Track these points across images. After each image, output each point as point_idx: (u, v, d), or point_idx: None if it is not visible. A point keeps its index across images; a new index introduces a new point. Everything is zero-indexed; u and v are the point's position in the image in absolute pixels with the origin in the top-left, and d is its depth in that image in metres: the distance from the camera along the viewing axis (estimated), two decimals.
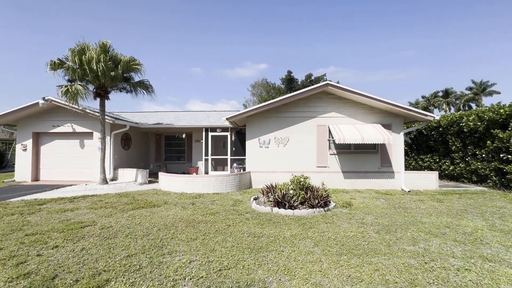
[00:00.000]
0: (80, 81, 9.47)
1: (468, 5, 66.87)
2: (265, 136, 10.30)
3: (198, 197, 7.74)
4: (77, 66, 9.15)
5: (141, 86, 10.49)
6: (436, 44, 77.82)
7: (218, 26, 74.78)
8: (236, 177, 9.22)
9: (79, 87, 8.85)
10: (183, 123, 13.19)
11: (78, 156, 11.70)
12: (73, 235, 4.51)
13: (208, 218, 5.59)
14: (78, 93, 8.81)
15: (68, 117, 11.42)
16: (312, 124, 10.18)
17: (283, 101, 9.81)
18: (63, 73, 9.31)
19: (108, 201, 7.13)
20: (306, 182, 6.88)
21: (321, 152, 10.08)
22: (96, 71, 8.87)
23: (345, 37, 71.66)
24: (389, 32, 73.78)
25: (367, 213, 6.09)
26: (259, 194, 8.25)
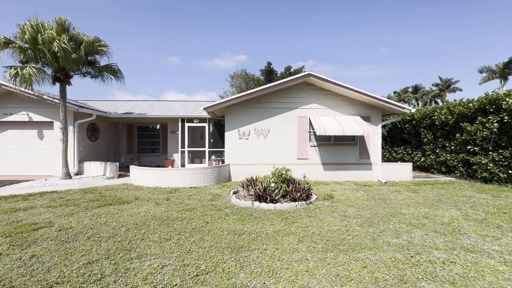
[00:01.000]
0: (35, 63, 8.33)
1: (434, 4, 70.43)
2: (245, 127, 9.92)
3: (173, 192, 7.23)
4: (30, 46, 8.01)
5: (108, 71, 9.53)
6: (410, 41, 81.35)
7: (197, 18, 71.67)
8: (215, 170, 8.79)
9: (31, 71, 7.74)
10: (158, 112, 12.37)
11: (37, 148, 10.49)
12: (22, 239, 3.87)
13: (184, 214, 5.16)
14: (31, 77, 7.71)
15: (24, 104, 10.14)
16: (293, 115, 9.97)
17: (264, 91, 9.45)
18: (13, 54, 8.09)
19: (70, 198, 6.39)
20: (288, 174, 6.66)
21: (302, 144, 9.94)
22: (55, 52, 7.82)
23: (324, 32, 72.37)
24: (367, 27, 75.74)
25: (348, 205, 6.02)
26: (239, 188, 7.91)
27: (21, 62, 8.25)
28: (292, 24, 70.01)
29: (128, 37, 79.76)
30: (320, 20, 71.14)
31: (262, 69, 42.28)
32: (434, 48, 79.18)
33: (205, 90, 69.33)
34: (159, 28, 76.00)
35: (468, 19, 70.22)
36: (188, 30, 74.02)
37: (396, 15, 74.27)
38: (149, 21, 75.97)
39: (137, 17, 76.33)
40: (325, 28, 72.09)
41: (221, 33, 71.87)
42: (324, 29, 72.21)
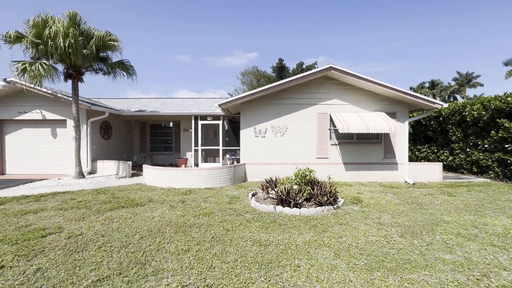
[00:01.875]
0: (46, 59, 8.11)
1: None
2: (262, 125, 9.42)
3: (188, 193, 6.84)
4: (41, 42, 7.78)
5: (121, 67, 9.23)
6: (424, 37, 78.22)
7: (207, 15, 71.45)
8: (230, 170, 8.35)
9: (40, 66, 7.49)
10: (170, 110, 12.05)
11: (50, 146, 10.39)
12: (29, 248, 3.53)
13: (202, 220, 4.73)
14: (40, 73, 7.46)
15: (37, 102, 10.02)
16: (312, 112, 9.38)
17: (282, 86, 8.90)
18: (25, 49, 7.89)
19: (82, 200, 6.10)
20: (312, 175, 6.12)
21: (322, 142, 9.35)
22: (64, 48, 7.55)
23: (335, 28, 70.57)
24: (379, 24, 73.33)
25: (381, 210, 5.42)
26: (257, 189, 7.44)
27: (33, 58, 8.05)
28: (302, 21, 68.63)
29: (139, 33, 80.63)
30: (330, 16, 69.34)
31: (273, 66, 41.56)
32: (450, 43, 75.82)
33: (215, 88, 69.18)
34: (169, 25, 76.33)
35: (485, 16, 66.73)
36: (198, 28, 73.95)
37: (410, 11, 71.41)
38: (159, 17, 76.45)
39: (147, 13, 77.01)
40: (336, 24, 70.24)
41: (231, 30, 71.41)
42: (335, 26, 70.38)
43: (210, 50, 72.75)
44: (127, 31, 77.13)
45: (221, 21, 71.87)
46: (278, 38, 69.56)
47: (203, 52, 73.31)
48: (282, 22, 68.87)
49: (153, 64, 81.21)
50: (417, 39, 76.63)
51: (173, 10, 73.33)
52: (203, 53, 73.01)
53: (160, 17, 75.30)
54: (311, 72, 8.77)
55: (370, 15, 70.82)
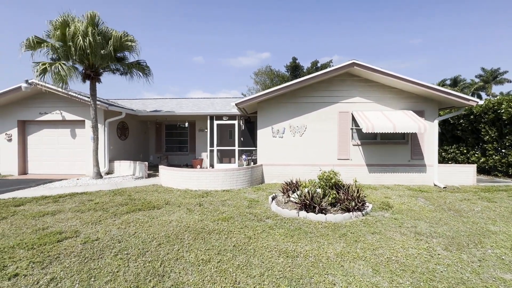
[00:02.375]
0: (66, 61, 8.15)
1: None
2: (279, 125, 9.06)
3: (205, 196, 6.60)
4: (61, 43, 7.82)
5: (137, 67, 9.17)
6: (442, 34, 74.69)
7: (220, 15, 71.79)
8: (248, 172, 8.05)
9: (60, 67, 7.52)
10: (186, 110, 11.94)
11: (70, 147, 10.52)
12: (45, 254, 3.38)
13: (221, 225, 4.45)
14: (59, 73, 7.49)
15: (57, 103, 10.17)
16: (333, 110, 8.92)
17: (301, 84, 8.50)
18: (45, 52, 7.96)
19: (99, 201, 6.00)
20: (337, 178, 5.70)
21: (343, 143, 8.87)
22: (83, 47, 7.54)
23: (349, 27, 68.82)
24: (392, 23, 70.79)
25: (415, 218, 4.93)
26: (275, 191, 7.11)
27: (52, 59, 8.11)
28: (315, 20, 67.44)
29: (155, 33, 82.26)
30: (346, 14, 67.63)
31: (287, 65, 41.03)
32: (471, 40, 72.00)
33: (228, 89, 69.34)
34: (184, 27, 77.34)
35: None
36: (211, 28, 74.44)
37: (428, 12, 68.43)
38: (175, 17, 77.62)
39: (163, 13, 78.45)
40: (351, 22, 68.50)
41: (244, 30, 71.34)
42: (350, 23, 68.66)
43: (223, 50, 73.03)
44: (142, 32, 78.98)
45: (233, 21, 71.97)
46: (291, 37, 68.77)
47: (216, 52, 73.68)
48: (294, 21, 68.00)
49: (168, 66, 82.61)
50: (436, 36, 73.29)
51: (185, 10, 74.24)
52: (216, 53, 73.38)
53: (174, 18, 76.50)
54: (333, 68, 8.31)
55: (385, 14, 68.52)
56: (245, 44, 71.82)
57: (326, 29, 68.60)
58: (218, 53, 73.67)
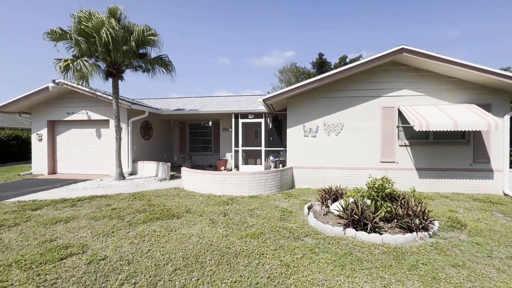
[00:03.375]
0: (88, 57, 7.90)
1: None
2: (312, 122, 8.07)
3: (230, 203, 5.85)
4: (83, 38, 7.55)
5: (160, 63, 8.72)
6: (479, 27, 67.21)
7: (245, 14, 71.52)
8: (277, 175, 7.19)
9: (83, 63, 7.24)
10: (209, 108, 11.36)
11: (95, 147, 10.44)
12: (41, 277, 2.80)
13: (250, 244, 3.64)
14: (81, 70, 7.20)
15: (83, 102, 10.11)
16: (375, 105, 7.73)
17: (338, 76, 7.44)
18: (68, 47, 7.75)
19: (117, 207, 5.50)
20: (391, 187, 4.63)
21: (387, 143, 7.65)
22: (105, 41, 7.19)
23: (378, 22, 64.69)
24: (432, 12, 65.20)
25: (505, 243, 3.72)
26: (310, 198, 6.16)
27: (75, 57, 7.90)
28: (341, 16, 64.31)
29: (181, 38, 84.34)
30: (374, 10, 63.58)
31: (313, 62, 39.42)
32: None
33: (252, 89, 68.73)
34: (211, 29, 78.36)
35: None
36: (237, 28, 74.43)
37: None
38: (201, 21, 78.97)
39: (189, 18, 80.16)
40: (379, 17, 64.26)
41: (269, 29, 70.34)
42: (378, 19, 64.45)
43: (247, 51, 72.68)
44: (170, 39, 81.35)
45: (257, 19, 71.26)
46: (316, 34, 66.39)
47: (241, 53, 73.55)
48: (319, 17, 65.50)
49: (194, 68, 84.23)
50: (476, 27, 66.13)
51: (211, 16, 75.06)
52: (241, 54, 73.23)
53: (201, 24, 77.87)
54: (376, 56, 7.14)
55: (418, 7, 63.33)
56: (270, 44, 70.76)
57: (354, 24, 65.22)
58: (243, 54, 73.45)
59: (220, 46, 76.47)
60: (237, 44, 73.93)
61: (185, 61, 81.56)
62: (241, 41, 73.37)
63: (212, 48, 77.93)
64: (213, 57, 77.44)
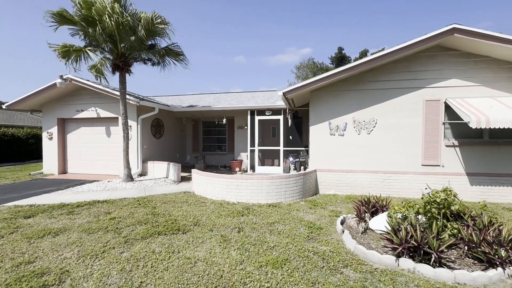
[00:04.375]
0: (94, 48, 7.31)
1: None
2: (339, 119, 7.03)
3: (246, 213, 4.99)
4: (88, 28, 6.95)
5: (170, 54, 8.00)
6: None
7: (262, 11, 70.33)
8: (299, 180, 6.24)
9: (87, 52, 6.64)
10: (224, 104, 10.58)
11: (105, 146, 9.96)
12: None
13: (273, 279, 2.75)
14: (82, 55, 6.61)
15: (91, 99, 9.65)
16: (415, 98, 6.56)
17: (371, 64, 6.34)
18: (73, 34, 7.20)
19: (117, 216, 4.81)
20: (455, 201, 3.55)
21: (430, 143, 6.47)
22: (110, 30, 6.54)
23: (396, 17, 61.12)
24: None
25: None
26: (340, 208, 5.17)
27: None
28: (360, 12, 61.37)
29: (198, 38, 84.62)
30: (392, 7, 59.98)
31: (332, 56, 37.82)
32: None
33: (267, 87, 67.66)
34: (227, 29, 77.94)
35: None
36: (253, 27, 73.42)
37: None
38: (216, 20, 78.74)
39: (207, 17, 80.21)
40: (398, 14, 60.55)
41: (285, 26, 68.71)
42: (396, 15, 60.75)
43: (264, 49, 71.51)
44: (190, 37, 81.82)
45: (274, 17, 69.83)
46: (334, 31, 64.00)
47: (257, 51, 72.54)
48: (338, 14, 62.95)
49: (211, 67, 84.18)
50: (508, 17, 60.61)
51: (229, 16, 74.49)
52: (257, 52, 72.25)
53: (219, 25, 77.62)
54: (420, 39, 5.97)
55: None
56: (286, 41, 69.17)
57: (373, 20, 62.16)
58: (259, 52, 72.47)
59: (236, 45, 75.97)
60: (253, 42, 73.08)
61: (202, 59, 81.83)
62: (257, 39, 72.44)
63: (228, 47, 77.60)
64: (230, 56, 77.08)
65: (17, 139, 15.22)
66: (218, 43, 79.83)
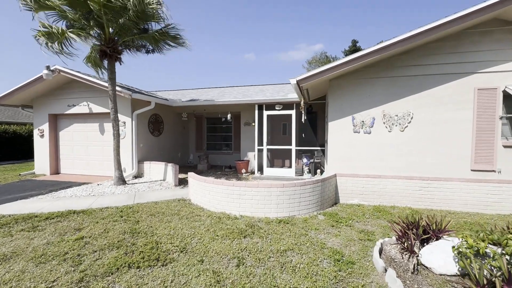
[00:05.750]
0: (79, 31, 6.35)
1: None
2: (365, 113, 5.79)
3: (249, 233, 3.88)
4: (69, 8, 5.99)
5: (166, 38, 6.95)
6: None
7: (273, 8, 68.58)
8: (317, 188, 5.07)
9: (69, 32, 5.69)
10: (228, 98, 9.49)
11: (98, 144, 9.09)
12: None
13: None
14: (64, 37, 5.65)
15: (83, 93, 8.77)
16: (463, 87, 5.24)
17: (409, 42, 5.04)
18: (55, 20, 6.26)
19: (87, 234, 3.81)
20: None
21: (483, 142, 5.15)
22: (95, 10, 5.55)
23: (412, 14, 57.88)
24: None
25: None
26: (368, 223, 3.98)
27: None
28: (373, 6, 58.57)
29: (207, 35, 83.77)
30: None
31: (345, 50, 35.97)
32: None
33: None
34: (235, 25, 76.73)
35: None
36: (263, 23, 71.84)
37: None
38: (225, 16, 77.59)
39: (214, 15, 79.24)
40: None
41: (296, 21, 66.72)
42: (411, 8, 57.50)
43: (274, 45, 69.96)
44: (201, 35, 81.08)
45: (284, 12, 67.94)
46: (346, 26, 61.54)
47: (267, 48, 71.06)
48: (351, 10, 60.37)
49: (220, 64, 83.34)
50: None
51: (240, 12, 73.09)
52: (268, 49, 70.78)
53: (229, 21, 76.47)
54: (471, 10, 4.65)
55: None
56: (297, 37, 67.28)
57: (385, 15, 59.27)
58: (269, 49, 70.97)
59: (246, 42, 74.76)
60: (264, 39, 71.68)
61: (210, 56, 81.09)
62: (268, 35, 70.99)
63: (238, 44, 76.49)
64: (239, 53, 76.01)
65: (18, 137, 14.74)
66: (227, 39, 78.80)
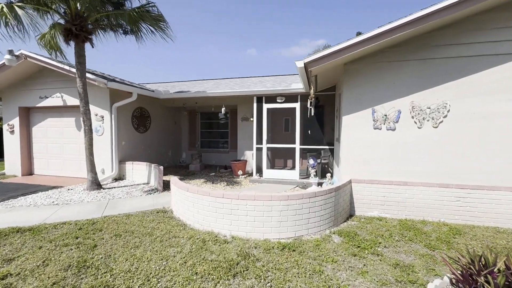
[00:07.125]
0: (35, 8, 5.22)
1: None
2: (388, 105, 4.67)
3: (241, 269, 2.80)
4: None
5: (145, 18, 5.81)
6: None
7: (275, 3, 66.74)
8: (330, 199, 3.98)
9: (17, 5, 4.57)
10: (223, 89, 8.37)
11: (75, 141, 7.98)
12: None
13: None
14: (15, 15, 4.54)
15: (56, 83, 7.65)
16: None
17: (445, 14, 3.91)
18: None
19: (15, 270, 2.74)
20: None
21: None
22: None
23: None
24: None
25: None
26: (400, 252, 2.87)
27: None
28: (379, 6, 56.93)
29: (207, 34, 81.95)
30: None
31: None
32: None
33: None
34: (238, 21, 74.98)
35: None
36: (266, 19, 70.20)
37: None
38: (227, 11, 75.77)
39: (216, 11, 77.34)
40: None
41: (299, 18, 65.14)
42: None
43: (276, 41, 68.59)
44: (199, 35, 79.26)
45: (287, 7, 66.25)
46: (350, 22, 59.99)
47: (269, 44, 69.66)
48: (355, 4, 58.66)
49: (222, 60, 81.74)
50: None
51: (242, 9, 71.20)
52: (270, 44, 69.40)
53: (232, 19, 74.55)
54: None
55: None
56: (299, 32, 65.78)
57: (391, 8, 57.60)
58: (271, 44, 69.60)
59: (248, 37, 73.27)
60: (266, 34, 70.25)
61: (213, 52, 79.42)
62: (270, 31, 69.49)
63: (240, 39, 75.00)
64: (242, 48, 74.57)
65: None
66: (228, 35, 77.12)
